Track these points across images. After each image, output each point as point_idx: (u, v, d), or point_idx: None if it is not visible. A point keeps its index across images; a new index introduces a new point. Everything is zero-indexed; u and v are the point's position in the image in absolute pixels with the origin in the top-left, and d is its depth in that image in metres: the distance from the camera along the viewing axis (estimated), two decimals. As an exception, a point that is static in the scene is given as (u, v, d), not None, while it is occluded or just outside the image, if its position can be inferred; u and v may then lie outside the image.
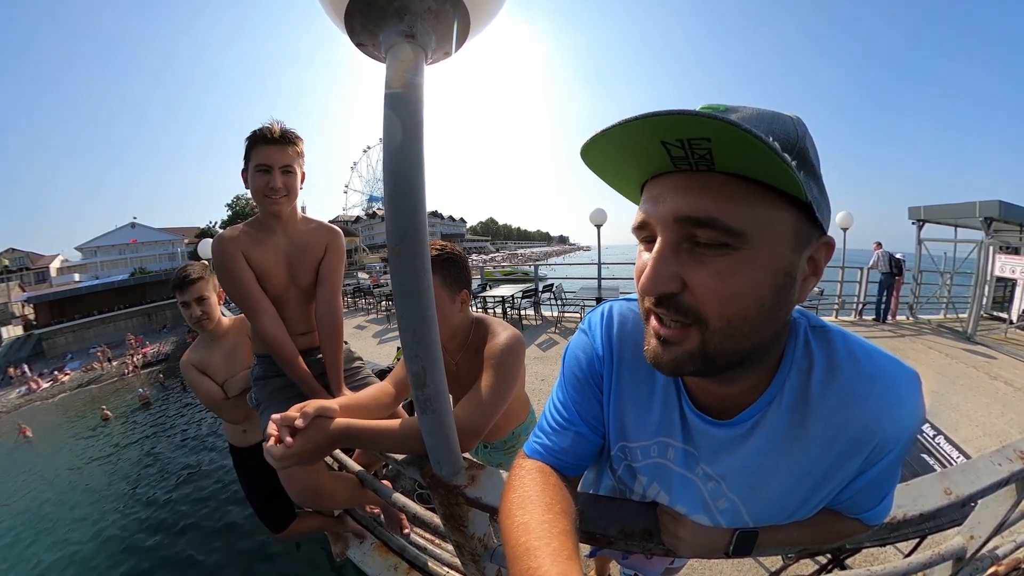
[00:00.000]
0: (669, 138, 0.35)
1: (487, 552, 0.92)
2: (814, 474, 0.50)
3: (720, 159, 0.36)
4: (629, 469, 0.64)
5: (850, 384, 0.46)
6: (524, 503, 0.53)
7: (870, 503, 0.55)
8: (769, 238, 0.38)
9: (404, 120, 0.61)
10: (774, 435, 0.50)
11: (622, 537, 0.67)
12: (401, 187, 0.63)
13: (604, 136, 0.38)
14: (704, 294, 0.39)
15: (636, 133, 0.36)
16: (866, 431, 0.46)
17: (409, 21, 0.60)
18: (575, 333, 0.67)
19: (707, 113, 0.32)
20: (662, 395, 0.57)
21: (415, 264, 0.66)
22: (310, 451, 0.80)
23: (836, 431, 0.47)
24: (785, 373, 0.48)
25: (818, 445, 0.48)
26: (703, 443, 0.55)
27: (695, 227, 0.38)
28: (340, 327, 1.46)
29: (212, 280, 1.77)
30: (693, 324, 0.40)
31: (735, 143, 0.33)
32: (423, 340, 0.69)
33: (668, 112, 0.33)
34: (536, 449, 0.64)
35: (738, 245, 0.38)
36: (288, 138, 1.33)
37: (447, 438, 0.79)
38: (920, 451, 2.15)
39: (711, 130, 0.33)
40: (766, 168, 0.35)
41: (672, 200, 0.39)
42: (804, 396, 0.48)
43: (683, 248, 0.39)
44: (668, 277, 0.39)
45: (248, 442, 1.88)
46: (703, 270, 0.39)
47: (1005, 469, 0.85)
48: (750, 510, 0.56)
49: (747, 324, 0.40)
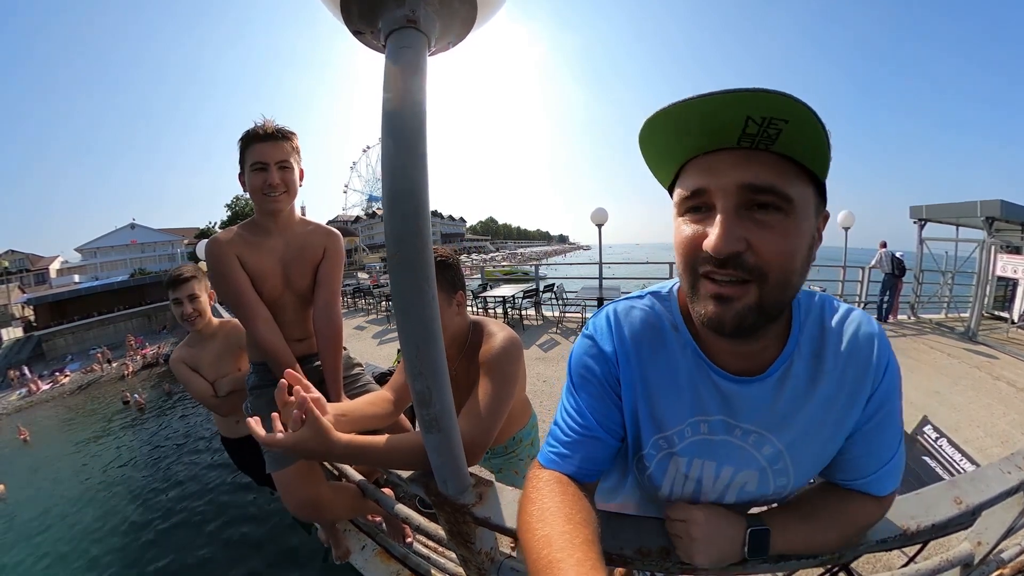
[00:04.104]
0: (755, 114, 0.40)
1: (494, 566, 0.90)
2: (836, 404, 0.57)
3: (784, 140, 0.42)
4: (664, 460, 0.64)
5: (846, 324, 0.58)
6: (544, 515, 0.52)
7: (876, 461, 0.59)
8: (804, 207, 0.46)
9: (405, 114, 0.56)
10: (800, 378, 0.57)
11: (639, 557, 0.64)
12: (401, 189, 0.57)
13: (686, 104, 0.42)
14: (768, 252, 0.45)
15: (726, 105, 0.40)
16: (865, 356, 0.56)
17: (411, 5, 0.54)
18: (579, 338, 0.66)
19: (797, 98, 0.38)
20: (688, 376, 0.59)
21: (417, 274, 0.60)
22: (299, 453, 0.80)
23: (845, 362, 0.56)
24: (799, 324, 0.57)
25: (834, 378, 0.56)
26: (739, 405, 0.58)
27: (756, 194, 0.44)
28: (339, 333, 1.43)
29: (204, 281, 1.82)
30: (752, 281, 0.45)
31: (807, 128, 0.40)
32: (427, 357, 0.64)
33: (769, 90, 0.38)
34: (552, 459, 0.63)
35: (789, 211, 0.45)
36: (283, 133, 1.30)
37: (454, 456, 0.76)
38: (922, 454, 2.14)
39: (795, 113, 0.39)
40: (814, 154, 0.43)
41: (735, 171, 0.44)
42: (820, 341, 0.57)
43: (744, 214, 0.45)
44: (737, 238, 0.44)
45: (239, 433, 1.90)
46: (766, 232, 0.45)
47: (1015, 477, 0.84)
48: (791, 452, 0.59)
49: (794, 276, 0.47)
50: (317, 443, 0.78)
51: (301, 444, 0.77)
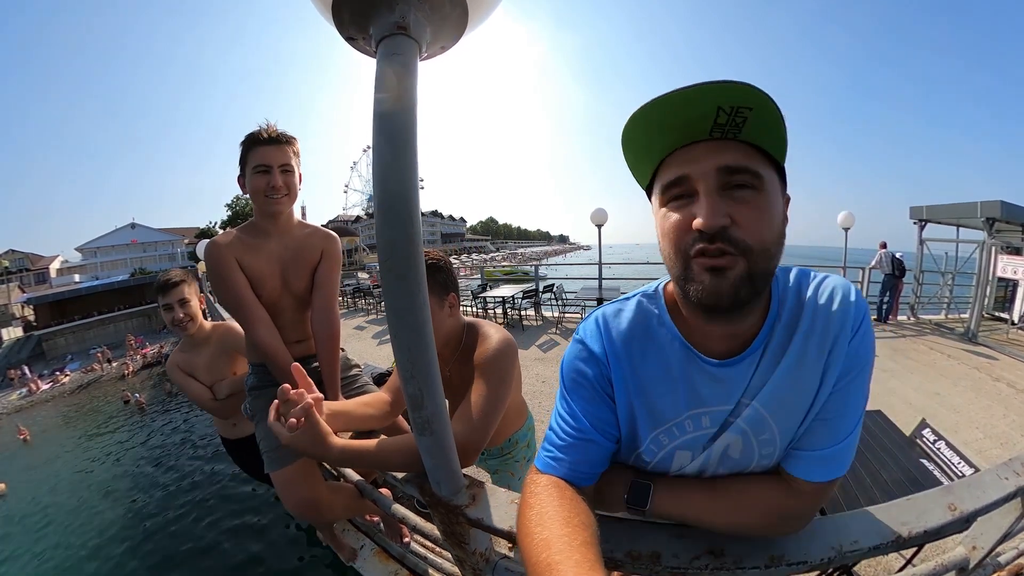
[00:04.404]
0: (724, 103, 0.45)
1: (488, 566, 0.91)
2: (806, 357, 0.58)
3: (749, 128, 0.48)
4: (666, 456, 0.64)
5: (821, 287, 0.60)
6: (542, 519, 0.53)
7: (817, 439, 0.59)
8: (772, 187, 0.52)
9: (395, 120, 0.56)
10: (780, 346, 0.59)
11: (629, 560, 0.65)
12: (392, 193, 0.57)
13: (664, 99, 0.47)
14: (749, 225, 0.49)
15: (700, 94, 0.45)
16: (838, 309, 0.57)
17: (401, 11, 0.55)
18: (570, 343, 0.68)
19: (759, 88, 0.44)
20: (680, 368, 0.61)
21: (408, 277, 0.60)
22: (298, 448, 0.82)
23: (813, 313, 0.58)
24: (777, 298, 0.60)
25: (802, 331, 0.58)
26: (732, 387, 0.60)
27: (732, 174, 0.49)
28: (337, 335, 1.43)
29: (194, 284, 1.81)
30: (740, 254, 0.49)
31: (767, 114, 0.47)
32: (419, 361, 0.65)
33: (735, 81, 0.44)
34: (548, 463, 0.64)
35: (761, 188, 0.50)
36: (285, 138, 1.33)
37: (447, 458, 0.77)
38: (920, 456, 2.13)
39: (758, 101, 0.45)
40: (774, 139, 0.50)
41: (712, 157, 0.50)
42: (798, 308, 0.59)
43: (724, 194, 0.49)
44: (722, 213, 0.49)
45: (238, 434, 1.90)
46: (744, 208, 0.49)
47: (1012, 484, 0.83)
48: (772, 415, 0.59)
49: (773, 246, 0.51)
50: (314, 446, 0.80)
51: (297, 445, 0.79)
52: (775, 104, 0.46)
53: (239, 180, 1.37)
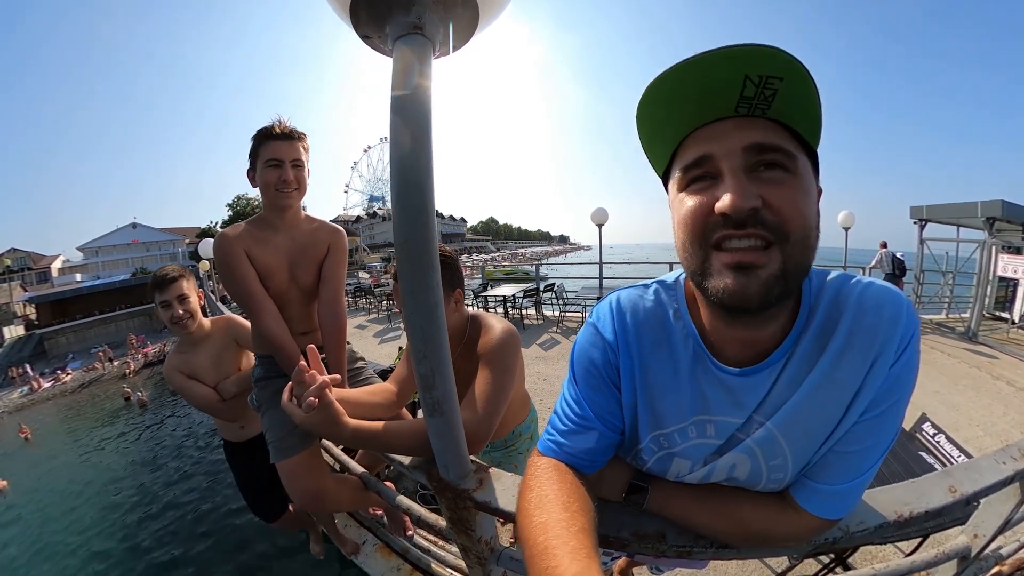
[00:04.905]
0: (752, 72, 0.40)
1: (493, 555, 0.91)
2: (836, 373, 0.50)
3: (779, 103, 0.42)
4: (664, 459, 0.62)
5: (862, 294, 0.51)
6: (542, 502, 0.53)
7: (845, 472, 0.53)
8: (805, 170, 0.45)
9: (412, 116, 0.58)
10: (804, 358, 0.52)
11: (635, 539, 0.66)
12: (410, 185, 0.60)
13: (685, 65, 0.42)
14: (786, 208, 0.43)
15: (725, 60, 0.40)
16: (883, 320, 0.49)
17: (417, 12, 0.57)
18: (583, 327, 0.65)
19: (790, 54, 0.38)
20: (689, 371, 0.56)
21: (423, 261, 0.63)
22: (310, 430, 0.84)
23: (847, 336, 0.50)
24: (808, 304, 0.53)
25: (837, 345, 0.50)
26: (746, 398, 0.54)
27: (762, 153, 0.43)
28: (343, 327, 1.45)
29: (192, 280, 1.73)
30: (775, 242, 0.43)
31: (800, 86, 0.41)
32: (431, 340, 0.67)
33: (763, 45, 0.39)
34: (550, 447, 0.63)
35: (794, 170, 0.44)
36: (296, 134, 1.35)
37: (456, 441, 0.78)
38: (919, 450, 2.14)
39: (789, 69, 0.40)
40: (807, 117, 0.44)
41: (738, 134, 0.44)
42: (831, 315, 0.51)
43: (752, 175, 0.44)
44: (752, 194, 0.42)
45: (244, 437, 1.86)
46: (777, 189, 0.43)
47: (1009, 468, 0.85)
48: (786, 436, 0.54)
49: (811, 234, 0.45)
50: (328, 425, 0.82)
51: (312, 425, 0.81)
52: (808, 73, 0.40)
53: (248, 174, 1.38)
